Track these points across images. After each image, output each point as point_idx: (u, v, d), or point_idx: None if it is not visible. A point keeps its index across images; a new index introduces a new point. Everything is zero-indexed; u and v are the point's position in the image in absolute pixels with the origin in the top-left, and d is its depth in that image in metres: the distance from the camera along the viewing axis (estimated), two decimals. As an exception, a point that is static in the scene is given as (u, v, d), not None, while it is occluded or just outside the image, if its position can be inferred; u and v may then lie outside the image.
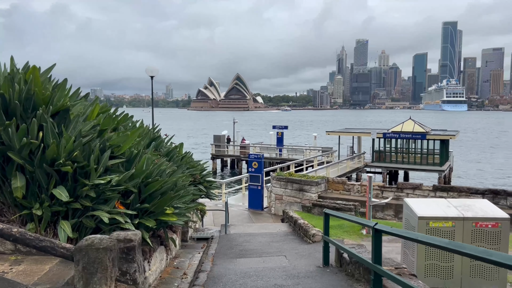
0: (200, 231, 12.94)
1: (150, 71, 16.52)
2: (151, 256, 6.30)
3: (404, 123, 34.58)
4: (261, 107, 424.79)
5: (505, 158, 56.97)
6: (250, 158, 18.96)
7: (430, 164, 32.70)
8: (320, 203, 13.18)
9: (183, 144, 12.51)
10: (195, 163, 12.61)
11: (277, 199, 17.95)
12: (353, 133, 37.58)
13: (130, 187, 5.86)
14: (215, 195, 13.37)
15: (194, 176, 12.02)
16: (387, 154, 34.28)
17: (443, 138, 32.33)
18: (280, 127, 40.76)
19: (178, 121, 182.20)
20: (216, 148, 42.38)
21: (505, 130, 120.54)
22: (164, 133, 13.10)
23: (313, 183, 16.82)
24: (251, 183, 18.82)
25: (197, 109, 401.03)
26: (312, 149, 38.56)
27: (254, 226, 12.67)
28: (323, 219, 7.56)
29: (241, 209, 18.95)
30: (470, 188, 14.18)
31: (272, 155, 38.81)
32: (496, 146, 74.02)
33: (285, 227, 12.50)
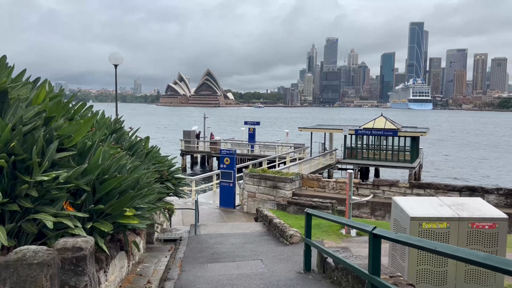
0: (167, 231, 12.04)
1: (114, 59, 15.31)
2: (109, 264, 5.42)
3: (375, 120, 34.58)
4: (232, 104, 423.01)
5: (474, 156, 58.55)
6: (222, 154, 18.14)
7: (401, 161, 32.82)
8: (295, 201, 12.53)
9: (149, 138, 11.58)
10: (162, 158, 11.70)
11: (249, 197, 17.23)
12: (325, 130, 37.33)
13: (82, 185, 4.96)
14: (184, 193, 12.50)
15: (161, 173, 11.11)
16: (358, 151, 34.18)
17: (414, 135, 32.52)
18: (252, 123, 40.03)
19: (146, 117, 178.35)
20: (185, 144, 41.19)
21: (468, 129, 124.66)
22: (129, 126, 12.14)
23: (287, 180, 16.19)
24: (223, 180, 18.01)
25: (167, 104, 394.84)
26: (284, 146, 38.06)
27: (226, 226, 11.88)
28: (305, 220, 6.87)
29: (212, 208, 18.12)
30: (448, 185, 13.92)
31: (244, 152, 38.04)
32: (464, 144, 76.14)
33: (259, 226, 11.78)
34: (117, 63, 15.37)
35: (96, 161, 5.23)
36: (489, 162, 52.72)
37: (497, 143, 78.92)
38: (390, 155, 33.28)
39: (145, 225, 5.89)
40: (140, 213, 5.83)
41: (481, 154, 60.98)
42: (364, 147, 33.87)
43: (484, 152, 63.37)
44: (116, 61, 15.32)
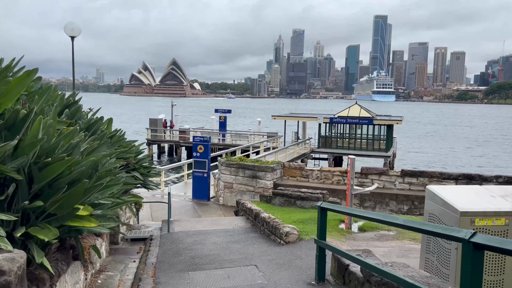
0: (135, 229, 10.37)
1: (70, 29, 13.15)
2: (55, 284, 3.80)
3: (350, 108, 33.74)
4: (199, 94, 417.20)
5: (442, 145, 59.35)
6: (195, 141, 16.48)
7: (376, 149, 32.18)
8: (281, 192, 11.14)
9: (112, 120, 9.85)
10: (128, 144, 9.99)
11: (226, 188, 15.71)
12: (299, 118, 36.17)
13: (9, 172, 3.32)
14: (154, 184, 10.82)
15: (127, 160, 9.40)
16: (333, 139, 33.29)
17: (390, 123, 31.90)
18: (223, 111, 38.36)
19: (110, 106, 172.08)
20: (152, 133, 38.99)
21: (431, 119, 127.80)
22: (88, 107, 10.32)
23: (268, 169, 14.78)
24: (196, 169, 16.38)
25: (131, 94, 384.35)
26: (257, 135, 36.66)
27: (204, 222, 10.34)
28: (319, 216, 5.46)
29: (184, 200, 16.48)
30: (443, 173, 12.96)
31: (215, 141, 36.33)
32: (429, 134, 77.45)
33: (242, 221, 10.31)
34: (73, 34, 13.25)
35: (33, 136, 3.57)
36: (457, 151, 53.53)
37: (463, 133, 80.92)
38: (365, 144, 32.57)
39: (107, 228, 4.27)
40: (101, 212, 4.21)
41: (447, 143, 62.02)
42: (339, 136, 32.99)
43: (451, 142, 64.53)
44: (73, 32, 13.20)
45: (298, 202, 10.87)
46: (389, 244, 7.18)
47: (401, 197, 12.98)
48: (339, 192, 13.78)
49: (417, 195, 12.95)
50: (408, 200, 12.92)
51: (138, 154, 10.53)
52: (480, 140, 67.52)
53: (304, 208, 10.73)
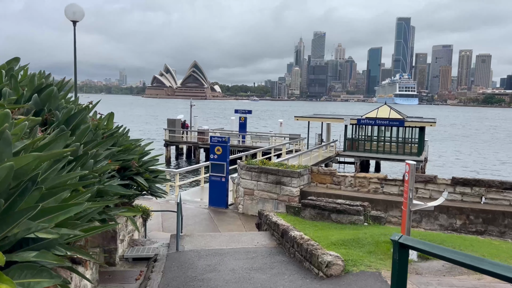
0: (139, 244, 8.71)
1: (72, 13, 11.53)
2: None
3: (379, 109, 31.59)
4: (219, 96, 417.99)
5: (475, 150, 56.30)
6: (213, 142, 14.82)
7: (407, 153, 29.92)
8: (312, 203, 9.31)
9: (114, 115, 8.29)
10: (131, 144, 8.36)
11: (246, 195, 13.97)
12: (323, 119, 34.18)
13: None
14: (163, 191, 9.15)
15: (127, 163, 7.76)
16: (360, 142, 31.18)
17: (422, 125, 29.62)
18: (243, 112, 36.70)
19: (132, 108, 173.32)
20: (170, 134, 37.59)
21: (459, 123, 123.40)
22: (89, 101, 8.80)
23: (294, 174, 12.96)
24: (213, 173, 14.70)
25: (152, 96, 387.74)
26: (278, 136, 34.84)
27: (220, 238, 8.60)
28: (395, 259, 3.59)
29: (200, 207, 14.82)
30: (504, 183, 10.89)
31: (234, 142, 34.70)
32: (461, 138, 74.15)
33: (266, 238, 8.54)
34: (75, 19, 11.71)
35: None
36: (492, 156, 50.43)
37: (494, 138, 77.20)
38: (395, 147, 30.35)
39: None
40: (35, 255, 2.49)
41: (481, 148, 58.82)
42: (367, 139, 30.86)
43: (484, 146, 61.26)
44: (74, 16, 11.65)
45: (333, 216, 9.03)
46: (468, 281, 5.28)
47: (453, 209, 10.97)
48: (377, 202, 11.86)
49: (472, 208, 10.92)
50: (461, 214, 10.90)
51: (143, 155, 8.90)
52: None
53: (341, 223, 8.89)
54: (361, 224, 8.82)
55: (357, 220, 8.84)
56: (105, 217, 5.18)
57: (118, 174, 8.45)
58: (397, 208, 11.76)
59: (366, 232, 7.65)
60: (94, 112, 9.01)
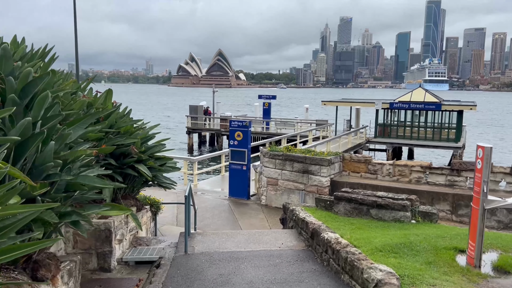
0: (143, 243, 7.46)
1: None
2: None
3: (413, 92, 29.50)
4: (244, 85, 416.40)
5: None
6: (232, 126, 13.45)
7: (443, 139, 27.79)
8: (347, 196, 7.82)
9: (112, 92, 7.08)
10: (131, 126, 7.06)
11: (269, 185, 12.57)
12: (352, 103, 32.28)
13: None
14: (171, 182, 7.88)
15: (126, 148, 6.49)
16: (392, 128, 29.20)
17: (461, 108, 27.35)
18: (267, 97, 35.17)
19: (158, 96, 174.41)
20: (192, 121, 36.51)
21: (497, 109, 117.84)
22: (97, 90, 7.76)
23: (324, 162, 11.45)
24: (233, 161, 13.36)
25: (178, 85, 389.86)
26: (304, 122, 33.20)
27: (238, 237, 7.25)
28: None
29: (219, 198, 13.54)
30: None
31: (258, 129, 33.30)
32: (500, 125, 70.35)
33: (292, 238, 7.14)
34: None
35: None
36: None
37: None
38: (430, 133, 28.24)
39: None
40: None
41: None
42: (400, 124, 28.85)
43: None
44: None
45: (373, 212, 7.52)
46: None
47: (515, 203, 9.25)
48: (421, 194, 10.23)
49: (538, 202, 9.17)
50: (525, 208, 9.19)
51: (147, 139, 7.60)
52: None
53: (383, 220, 7.37)
54: (408, 222, 7.29)
55: (402, 217, 7.30)
56: (77, 219, 3.88)
57: (116, 161, 7.22)
58: (445, 201, 10.11)
59: (418, 234, 6.12)
60: (90, 90, 7.78)
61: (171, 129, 53.62)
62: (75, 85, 7.42)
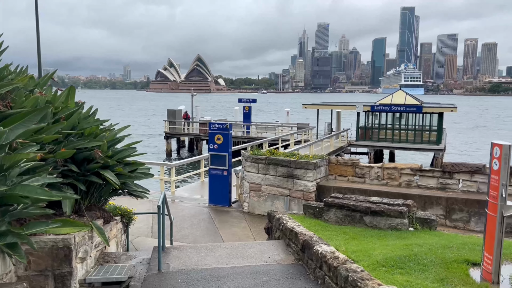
0: (111, 260, 6.59)
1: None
2: None
3: (393, 95, 29.33)
4: (223, 90, 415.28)
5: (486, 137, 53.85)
6: (212, 129, 12.69)
7: (425, 142, 27.65)
8: (339, 202, 7.16)
9: (74, 89, 6.18)
10: (97, 127, 6.22)
11: (252, 191, 11.84)
12: (333, 107, 31.92)
13: None
14: (144, 190, 7.06)
15: (90, 152, 5.67)
16: (374, 131, 28.93)
17: (442, 110, 27.28)
18: (248, 101, 34.50)
19: (136, 102, 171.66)
20: (170, 126, 35.49)
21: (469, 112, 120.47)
22: (58, 88, 6.89)
23: (309, 166, 10.80)
24: (213, 166, 12.59)
25: (156, 90, 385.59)
26: (285, 126, 32.64)
27: (219, 251, 6.47)
28: None
29: (198, 205, 12.73)
30: None
31: (238, 134, 32.55)
32: (474, 127, 71.63)
33: (280, 250, 6.42)
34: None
35: None
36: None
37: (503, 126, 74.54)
38: (412, 136, 28.08)
39: None
40: None
41: (493, 137, 56.26)
42: (381, 127, 28.60)
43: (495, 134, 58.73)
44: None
45: (367, 219, 6.88)
46: None
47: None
48: (412, 198, 9.63)
49: (535, 204, 8.73)
50: (522, 212, 8.73)
51: (115, 142, 6.77)
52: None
53: (378, 228, 6.73)
54: (405, 230, 6.67)
55: (399, 225, 6.68)
56: (13, 240, 3.06)
57: (79, 168, 6.36)
58: (438, 205, 9.58)
59: (421, 244, 5.48)
60: (49, 87, 6.92)
61: (146, 135, 52.27)
62: (32, 81, 6.57)
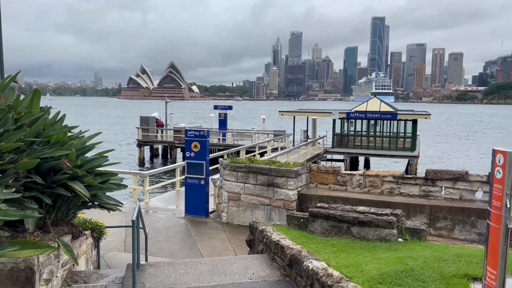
0: (80, 280, 6.02)
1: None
2: None
3: (368, 102, 29.55)
4: (197, 97, 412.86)
5: (461, 146, 55.24)
6: (189, 136, 12.20)
7: (400, 148, 27.91)
8: (326, 213, 6.83)
9: (40, 92, 5.63)
10: (65, 134, 5.68)
11: (231, 200, 11.40)
12: (309, 114, 31.89)
13: None
14: (116, 202, 6.53)
15: (57, 162, 5.15)
16: (350, 138, 29.01)
17: (416, 118, 27.64)
18: (223, 107, 34.06)
19: (107, 109, 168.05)
20: (143, 133, 34.59)
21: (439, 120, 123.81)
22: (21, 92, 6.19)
23: (290, 174, 10.47)
24: (190, 175, 12.09)
25: (129, 97, 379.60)
26: (261, 133, 32.36)
27: (199, 267, 5.99)
28: None
29: (174, 216, 12.17)
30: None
31: (214, 141, 32.04)
32: (444, 134, 73.47)
33: (264, 265, 6.01)
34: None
35: None
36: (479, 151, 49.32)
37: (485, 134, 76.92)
38: (387, 143, 28.30)
39: None
40: None
41: (465, 144, 57.88)
42: (357, 134, 28.72)
43: (466, 141, 60.39)
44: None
45: (354, 230, 6.57)
46: None
47: (495, 214, 8.70)
48: (396, 206, 9.45)
49: (518, 211, 8.67)
50: (505, 219, 8.66)
51: (85, 151, 6.22)
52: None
53: (367, 239, 6.43)
54: (394, 241, 6.39)
55: (388, 235, 6.40)
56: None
57: (44, 179, 5.79)
58: (422, 213, 9.41)
59: (415, 257, 5.19)
60: (11, 90, 6.32)
61: (119, 142, 50.96)
62: None
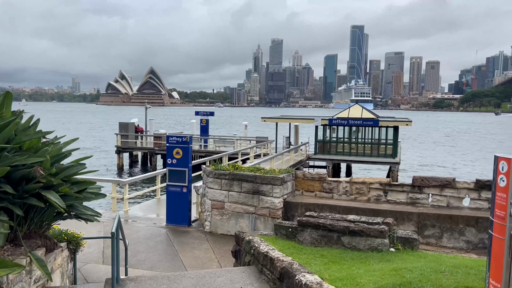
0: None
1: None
2: None
3: (350, 109, 29.66)
4: (177, 103, 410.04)
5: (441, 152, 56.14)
6: (170, 142, 11.80)
7: (381, 155, 28.04)
8: (315, 222, 6.58)
9: (12, 95, 5.14)
10: (38, 140, 5.28)
11: (214, 208, 11.05)
12: (292, 120, 31.79)
13: None
14: (94, 213, 6.13)
15: (29, 170, 4.73)
16: (332, 144, 29.01)
17: (398, 124, 27.85)
18: (205, 113, 33.67)
19: (85, 115, 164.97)
20: (122, 139, 33.84)
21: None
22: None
23: (276, 181, 10.20)
24: (171, 183, 11.69)
25: (107, 103, 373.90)
26: (244, 140, 32.06)
27: (183, 282, 5.63)
28: None
29: (155, 226, 11.74)
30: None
31: (195, 147, 31.57)
32: (425, 141, 74.64)
33: (253, 278, 5.70)
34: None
35: None
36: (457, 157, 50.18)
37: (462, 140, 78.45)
38: (369, 149, 28.40)
39: None
40: None
41: (444, 149, 58.89)
42: (339, 140, 28.74)
43: (446, 148, 61.49)
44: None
45: (345, 240, 6.33)
46: None
47: (483, 221, 8.61)
48: (383, 214, 9.32)
49: (505, 218, 8.62)
50: (493, 226, 8.59)
51: (60, 158, 5.82)
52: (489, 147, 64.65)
53: (358, 249, 6.20)
54: (386, 250, 6.18)
55: (380, 245, 6.18)
56: None
57: (16, 188, 5.36)
58: (410, 221, 9.27)
59: (410, 268, 4.97)
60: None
61: (96, 149, 49.86)
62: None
